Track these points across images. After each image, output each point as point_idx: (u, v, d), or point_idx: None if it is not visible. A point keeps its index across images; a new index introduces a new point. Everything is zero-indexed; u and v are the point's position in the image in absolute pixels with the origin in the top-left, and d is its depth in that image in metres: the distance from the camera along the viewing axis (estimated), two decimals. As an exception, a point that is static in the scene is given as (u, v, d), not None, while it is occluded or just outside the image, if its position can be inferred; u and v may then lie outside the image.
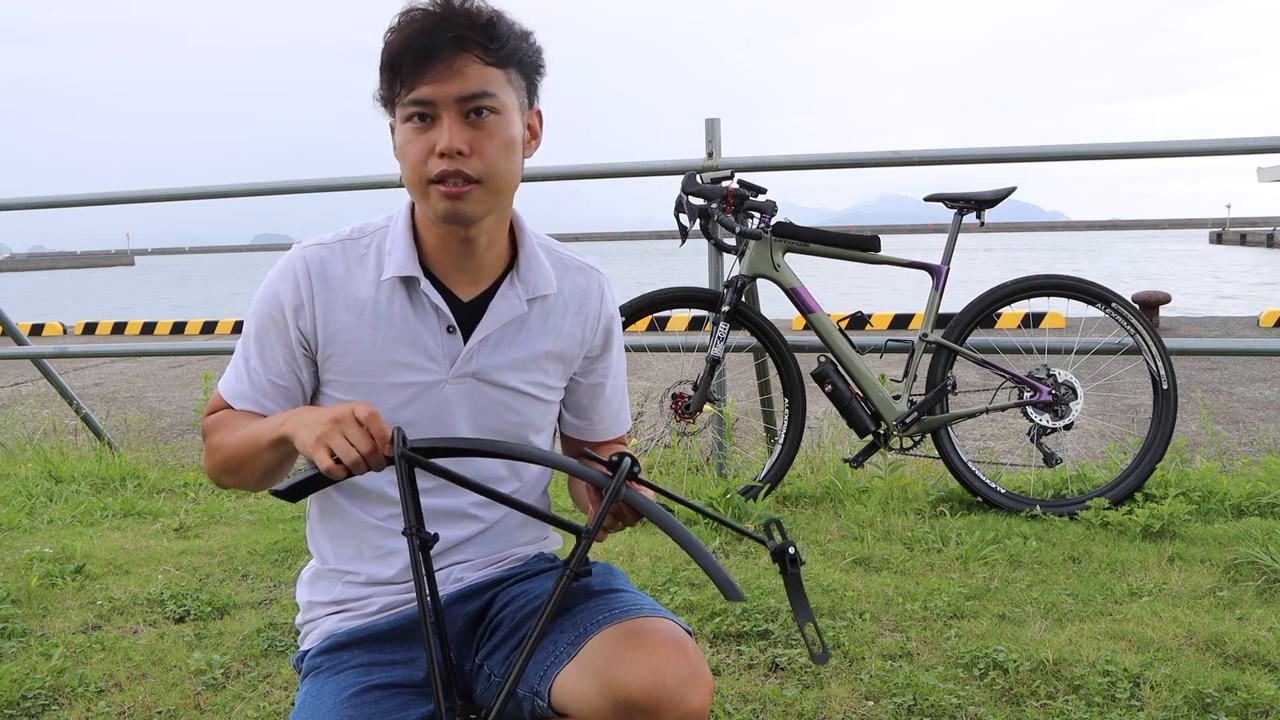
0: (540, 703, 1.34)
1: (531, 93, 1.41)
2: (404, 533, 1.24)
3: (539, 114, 1.44)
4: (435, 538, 1.25)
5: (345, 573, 1.50)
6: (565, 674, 1.32)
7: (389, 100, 1.36)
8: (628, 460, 1.27)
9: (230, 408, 1.46)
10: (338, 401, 1.44)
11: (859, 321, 3.99)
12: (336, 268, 1.42)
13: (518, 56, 1.36)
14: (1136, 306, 3.64)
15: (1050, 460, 3.63)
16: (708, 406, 3.76)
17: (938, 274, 3.71)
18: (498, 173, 1.36)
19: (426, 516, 1.35)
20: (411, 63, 1.31)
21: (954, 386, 3.63)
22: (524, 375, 1.48)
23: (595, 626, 1.33)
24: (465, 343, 1.44)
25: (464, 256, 1.43)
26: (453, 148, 1.31)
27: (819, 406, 4.32)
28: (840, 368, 3.68)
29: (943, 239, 3.76)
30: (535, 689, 1.35)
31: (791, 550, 1.28)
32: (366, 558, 1.49)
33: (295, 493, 1.32)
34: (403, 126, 1.35)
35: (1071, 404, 3.62)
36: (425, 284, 1.42)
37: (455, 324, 1.43)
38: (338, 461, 1.23)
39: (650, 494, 1.35)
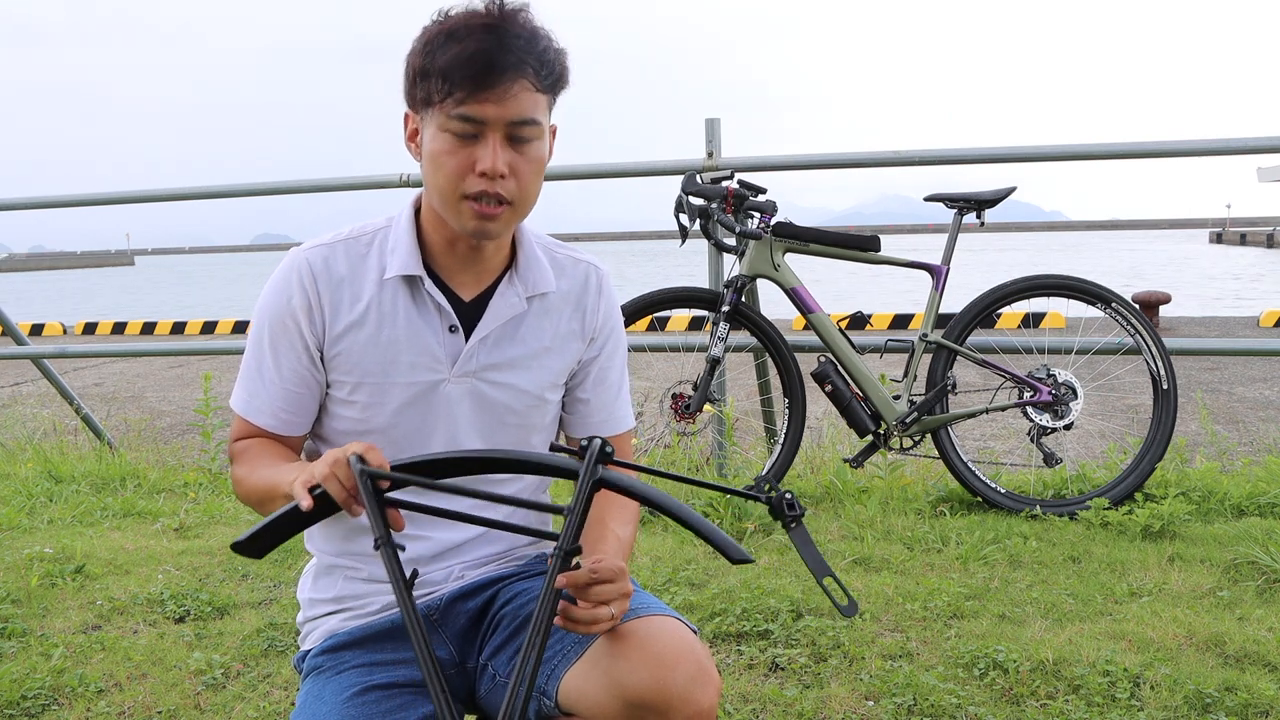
0: (547, 702, 1.34)
1: (553, 109, 1.41)
2: (374, 546, 1.17)
3: (554, 130, 1.43)
4: (402, 548, 1.20)
5: (346, 567, 1.50)
6: (572, 673, 1.32)
7: (425, 102, 1.33)
8: (598, 441, 1.18)
9: (251, 428, 1.45)
10: (342, 401, 1.45)
11: (859, 321, 3.99)
12: (340, 268, 1.42)
13: (560, 82, 1.36)
14: (1136, 306, 3.64)
15: (1050, 460, 3.63)
16: (708, 406, 3.76)
17: (938, 274, 3.71)
18: (529, 195, 1.37)
19: (428, 518, 1.34)
20: (469, 79, 1.28)
21: (954, 386, 3.63)
22: (524, 373, 1.48)
23: None
24: (466, 341, 1.44)
25: (470, 259, 1.44)
26: (497, 171, 1.31)
27: (819, 406, 4.31)
28: (840, 368, 3.69)
29: (943, 239, 3.76)
30: (542, 688, 1.35)
31: (788, 497, 1.19)
32: (365, 554, 1.49)
33: (257, 542, 1.24)
34: (440, 134, 1.32)
35: (1071, 404, 3.62)
36: (428, 283, 1.42)
37: (457, 323, 1.44)
38: (313, 491, 1.19)
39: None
